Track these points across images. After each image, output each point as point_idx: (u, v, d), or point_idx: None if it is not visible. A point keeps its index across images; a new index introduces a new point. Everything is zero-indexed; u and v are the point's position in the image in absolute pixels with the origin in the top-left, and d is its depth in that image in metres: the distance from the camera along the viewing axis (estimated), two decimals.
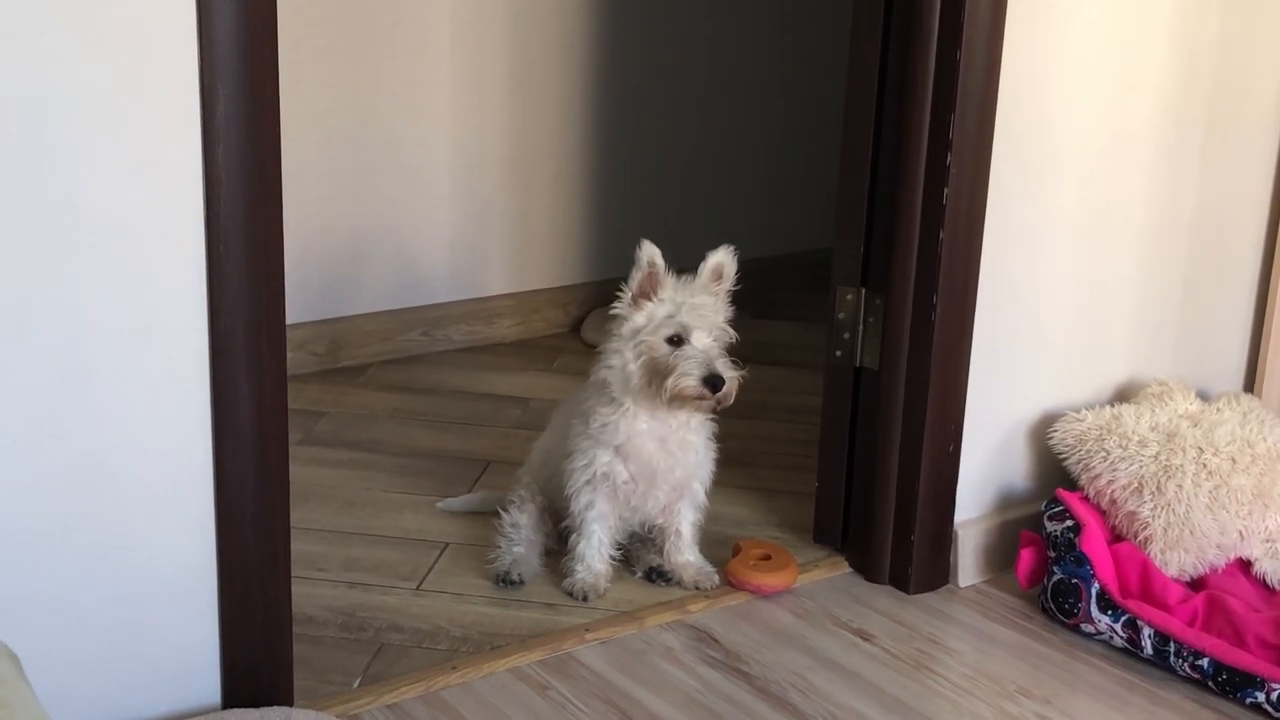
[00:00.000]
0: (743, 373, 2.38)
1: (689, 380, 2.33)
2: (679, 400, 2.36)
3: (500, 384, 3.57)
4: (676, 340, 2.36)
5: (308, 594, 2.43)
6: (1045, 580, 2.48)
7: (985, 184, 2.44)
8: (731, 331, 2.40)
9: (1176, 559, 2.47)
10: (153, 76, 1.77)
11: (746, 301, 2.48)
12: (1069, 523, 2.45)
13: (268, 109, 1.85)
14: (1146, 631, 2.33)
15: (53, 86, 1.70)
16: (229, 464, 1.91)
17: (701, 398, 2.35)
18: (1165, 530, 2.46)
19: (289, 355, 2.10)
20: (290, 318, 2.02)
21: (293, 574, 2.06)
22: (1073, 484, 2.58)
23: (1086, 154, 2.61)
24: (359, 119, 3.58)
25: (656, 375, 2.36)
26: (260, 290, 1.89)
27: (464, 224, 3.80)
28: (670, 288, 2.38)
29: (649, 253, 2.36)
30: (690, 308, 2.36)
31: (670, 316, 2.36)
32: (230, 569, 1.95)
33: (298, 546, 2.16)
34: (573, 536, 2.52)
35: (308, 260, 3.49)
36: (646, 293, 2.38)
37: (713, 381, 2.33)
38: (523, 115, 3.83)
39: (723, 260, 2.41)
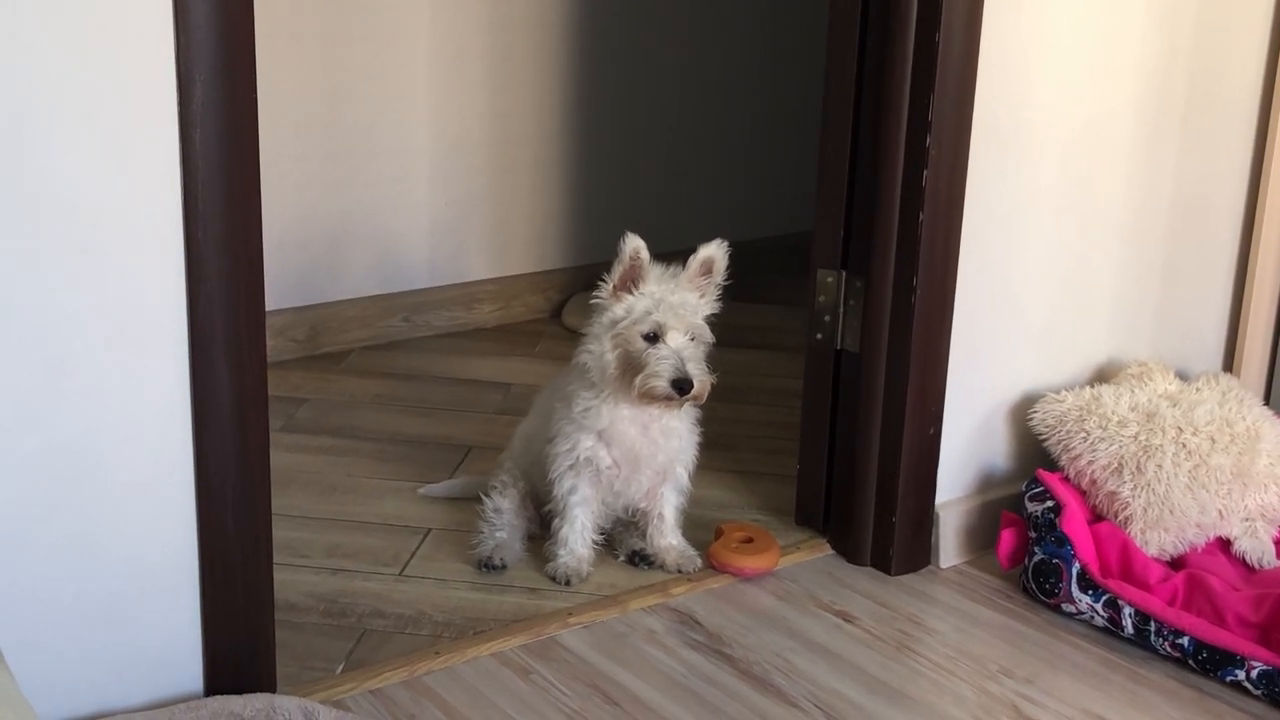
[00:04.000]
0: (713, 378, 2.37)
1: (658, 382, 2.33)
2: (648, 398, 2.36)
3: (482, 369, 3.56)
4: (652, 337, 2.36)
5: (290, 581, 2.43)
6: (1026, 560, 2.49)
7: (964, 165, 2.45)
8: (709, 334, 2.39)
9: (1156, 538, 2.49)
10: (129, 64, 1.76)
11: (727, 285, 2.47)
12: (1049, 503, 2.46)
13: (245, 95, 1.84)
14: (1127, 611, 2.35)
15: (28, 74, 1.70)
16: (209, 451, 1.91)
17: (670, 399, 2.35)
18: (1145, 510, 2.47)
19: (269, 342, 2.09)
20: (270, 304, 2.02)
21: (275, 561, 2.06)
22: (1053, 465, 2.59)
23: (1066, 134, 2.61)
24: (337, 104, 3.57)
25: (630, 370, 2.36)
26: (239, 276, 1.88)
27: (444, 209, 3.79)
28: (654, 281, 2.37)
29: (633, 245, 2.34)
30: (668, 306, 2.35)
31: (648, 313, 2.35)
32: (212, 556, 1.95)
33: (279, 533, 2.16)
34: (555, 521, 2.52)
35: (287, 246, 3.48)
36: (628, 285, 2.37)
37: (681, 385, 2.33)
38: (502, 99, 3.82)
39: (713, 254, 2.39)
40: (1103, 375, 2.78)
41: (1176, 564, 2.50)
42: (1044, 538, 2.45)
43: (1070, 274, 2.71)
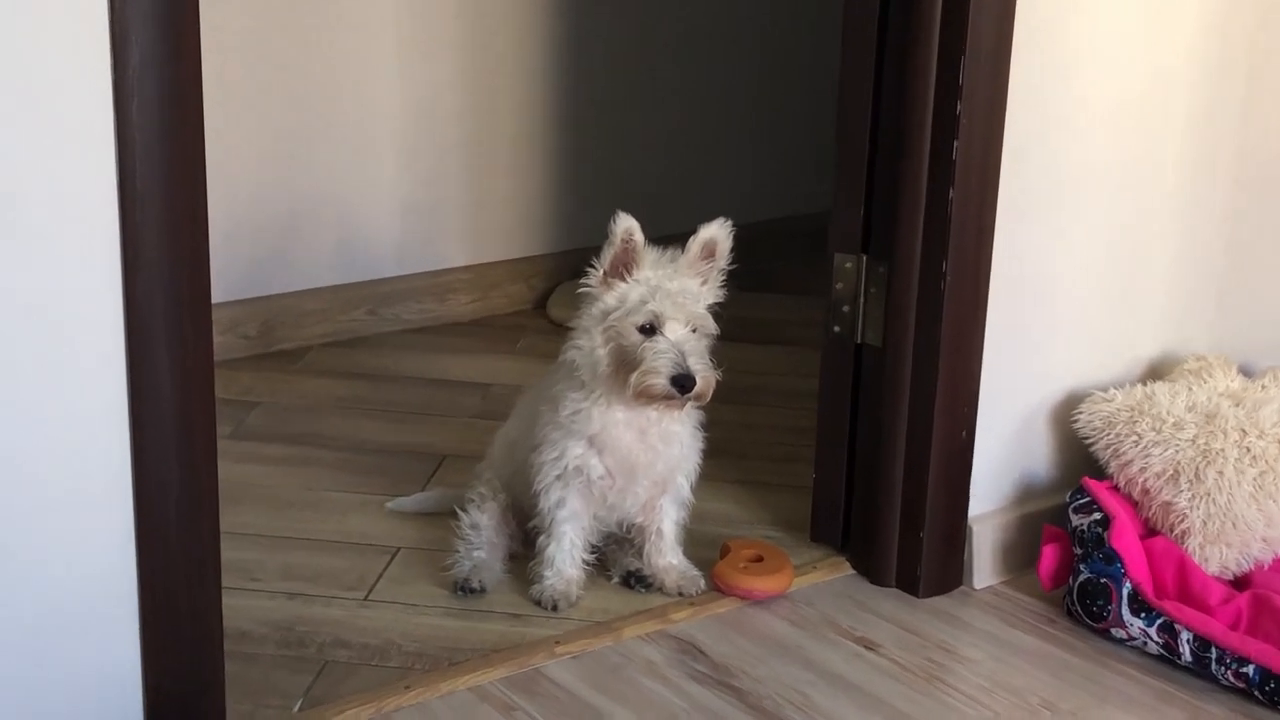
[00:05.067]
0: (718, 375, 2.37)
1: (656, 379, 2.33)
2: (645, 398, 2.36)
3: (457, 368, 3.57)
4: (649, 330, 2.36)
5: (241, 606, 2.43)
6: (1070, 580, 2.49)
7: (1000, 135, 2.45)
8: (713, 324, 2.39)
9: (1218, 554, 2.49)
10: (54, 19, 1.76)
11: (734, 273, 2.47)
12: (1097, 515, 2.47)
13: (188, 58, 1.84)
14: (1184, 636, 2.35)
15: None
16: (149, 460, 1.91)
17: (669, 398, 2.35)
18: (1205, 522, 2.48)
19: (217, 338, 2.09)
20: (217, 296, 2.02)
21: (224, 584, 2.06)
22: (1100, 472, 2.59)
23: (1114, 100, 2.61)
24: (292, 70, 3.57)
25: (624, 366, 2.36)
26: (182, 264, 1.88)
27: (414, 189, 3.80)
28: (649, 265, 2.37)
29: (625, 225, 2.35)
30: (666, 294, 2.35)
31: (643, 302, 2.36)
32: (152, 579, 1.95)
33: (229, 553, 2.16)
34: (541, 538, 2.53)
35: (237, 231, 3.48)
36: (620, 270, 2.37)
37: (681, 382, 2.33)
38: (479, 65, 3.82)
39: (715, 235, 2.39)
40: (1156, 371, 2.78)
41: (1240, 583, 2.51)
42: (1091, 554, 2.45)
43: (1120, 257, 2.71)
